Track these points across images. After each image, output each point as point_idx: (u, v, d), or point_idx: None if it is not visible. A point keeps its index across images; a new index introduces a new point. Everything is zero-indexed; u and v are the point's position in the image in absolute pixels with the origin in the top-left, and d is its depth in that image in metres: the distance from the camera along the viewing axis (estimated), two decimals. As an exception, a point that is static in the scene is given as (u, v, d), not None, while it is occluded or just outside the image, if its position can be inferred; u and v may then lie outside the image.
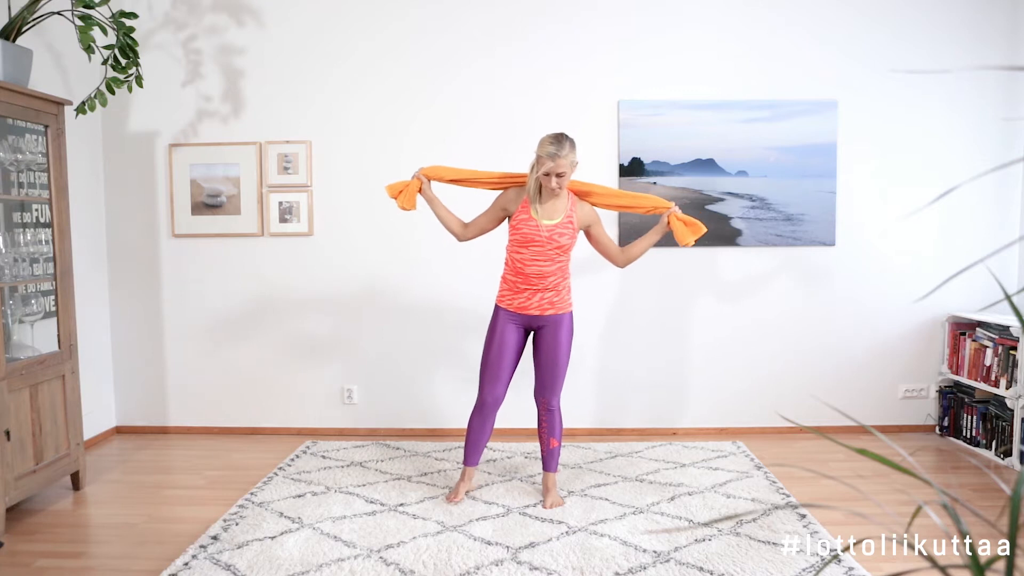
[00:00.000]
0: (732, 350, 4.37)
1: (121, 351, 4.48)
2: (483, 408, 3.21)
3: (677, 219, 3.14)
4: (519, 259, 3.11)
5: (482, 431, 3.24)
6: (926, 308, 4.32)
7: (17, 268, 3.33)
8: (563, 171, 2.97)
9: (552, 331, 3.16)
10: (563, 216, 3.09)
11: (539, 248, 3.07)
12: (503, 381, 3.19)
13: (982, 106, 4.25)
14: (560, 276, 3.13)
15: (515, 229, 3.10)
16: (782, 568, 2.58)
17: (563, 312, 3.17)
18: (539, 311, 3.13)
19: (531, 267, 3.09)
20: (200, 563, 2.64)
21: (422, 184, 3.21)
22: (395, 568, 2.60)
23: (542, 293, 3.11)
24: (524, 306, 3.14)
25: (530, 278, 3.10)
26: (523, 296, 3.13)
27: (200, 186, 4.35)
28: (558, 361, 3.18)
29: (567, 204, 3.12)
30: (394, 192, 3.21)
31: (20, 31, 3.23)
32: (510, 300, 3.16)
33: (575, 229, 3.11)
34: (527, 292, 3.12)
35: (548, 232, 3.06)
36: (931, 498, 2.67)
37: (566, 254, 3.13)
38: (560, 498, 3.25)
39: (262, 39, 4.31)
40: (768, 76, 4.27)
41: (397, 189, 3.21)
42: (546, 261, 3.08)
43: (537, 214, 3.07)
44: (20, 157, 3.29)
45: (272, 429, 4.46)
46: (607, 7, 4.25)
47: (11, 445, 3.01)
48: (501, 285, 3.22)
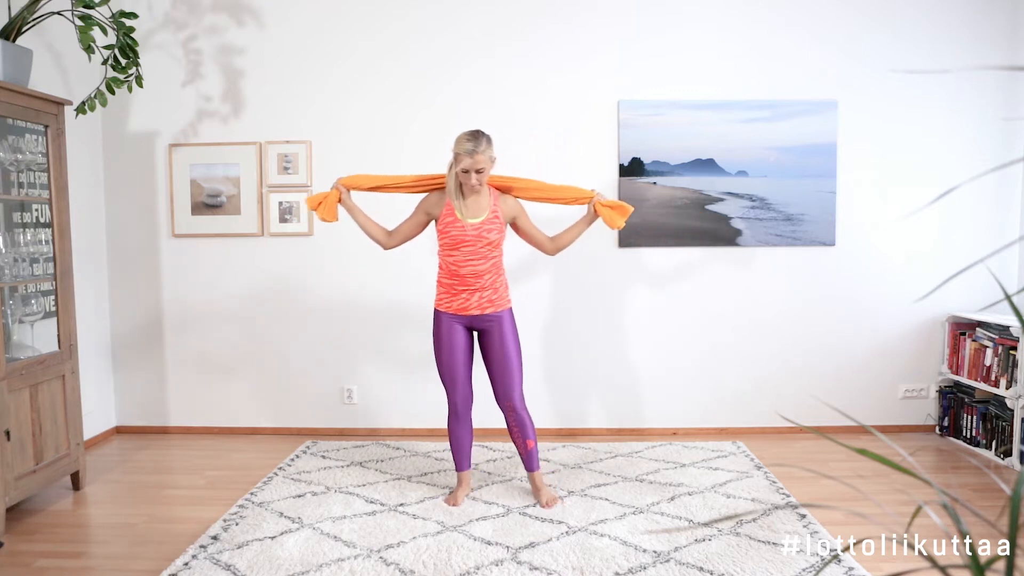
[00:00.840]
0: (732, 350, 4.37)
1: (121, 351, 4.48)
2: (456, 412, 3.23)
3: (603, 206, 3.18)
4: (452, 262, 3.11)
5: (463, 434, 3.25)
6: (926, 308, 4.32)
7: (17, 268, 3.33)
8: (482, 167, 2.98)
9: (496, 330, 3.16)
10: (488, 212, 3.10)
11: (470, 248, 3.07)
12: (463, 381, 3.20)
13: (982, 106, 4.25)
14: (495, 273, 3.14)
15: (443, 232, 3.10)
16: (782, 568, 2.58)
17: (503, 309, 3.17)
18: (479, 310, 3.13)
19: (465, 268, 3.09)
20: (200, 563, 2.64)
21: (341, 194, 3.21)
22: (395, 568, 2.60)
23: (480, 292, 3.11)
24: (463, 307, 3.13)
25: (466, 279, 3.10)
26: (461, 298, 3.12)
27: (200, 186, 4.35)
28: (509, 359, 3.17)
29: (490, 200, 3.12)
30: (314, 204, 3.19)
31: (20, 31, 3.23)
32: (448, 303, 3.16)
33: (502, 223, 3.13)
34: (464, 293, 3.11)
35: (475, 231, 3.06)
36: (931, 498, 2.67)
37: (497, 249, 3.14)
38: (554, 494, 3.25)
39: (262, 39, 4.31)
40: (768, 76, 4.27)
41: (317, 201, 3.20)
42: (479, 259, 3.09)
43: (461, 214, 3.08)
44: (20, 157, 3.29)
45: (272, 429, 4.46)
46: (607, 7, 4.25)
47: (11, 445, 3.02)
48: (437, 289, 3.21)
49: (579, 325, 4.35)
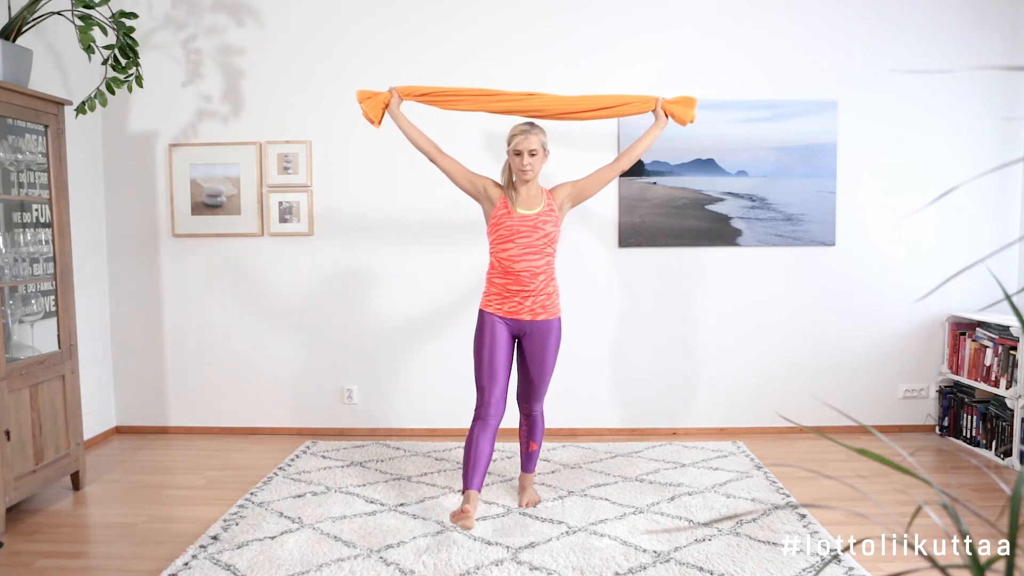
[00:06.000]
0: (732, 350, 4.37)
1: (121, 351, 4.48)
2: (484, 419, 2.94)
3: (670, 103, 3.12)
4: (506, 257, 2.99)
5: (484, 446, 2.91)
6: (926, 308, 4.32)
7: (17, 268, 3.33)
8: (534, 148, 2.93)
9: (541, 338, 3.04)
10: (543, 205, 3.02)
11: (526, 239, 2.97)
12: (501, 386, 2.99)
13: (982, 106, 4.25)
14: (549, 275, 3.04)
15: (497, 224, 3.01)
16: (782, 568, 2.58)
17: (554, 317, 3.06)
18: (531, 316, 3.01)
19: (520, 263, 2.97)
20: (200, 563, 2.64)
21: (392, 98, 3.11)
22: (395, 568, 2.60)
23: (533, 297, 2.99)
24: (515, 311, 3.00)
25: (520, 277, 2.97)
26: (513, 301, 3.00)
27: (200, 186, 4.35)
28: (545, 368, 3.09)
29: (543, 195, 3.05)
30: (363, 97, 3.11)
31: (20, 31, 3.23)
32: (499, 305, 3.03)
33: (558, 216, 3.04)
34: (518, 296, 2.99)
35: (531, 221, 2.98)
36: (931, 498, 2.67)
37: (553, 245, 3.04)
38: (536, 497, 3.24)
39: (262, 39, 4.31)
40: (768, 76, 4.27)
41: (367, 95, 3.11)
42: (535, 255, 2.98)
43: (515, 204, 3.00)
44: (20, 157, 3.29)
45: (272, 429, 4.46)
46: (607, 7, 4.25)
47: (11, 445, 3.01)
48: (487, 289, 3.07)
49: (579, 325, 4.35)
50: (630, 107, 3.18)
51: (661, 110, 3.13)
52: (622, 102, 3.18)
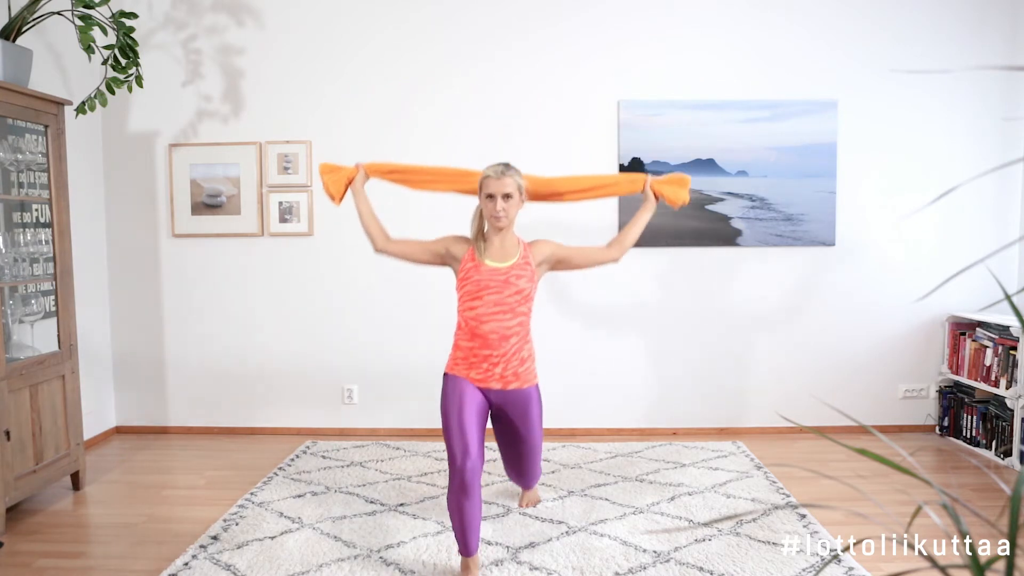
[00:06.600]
0: (732, 350, 4.37)
1: (121, 351, 4.48)
2: (463, 485, 2.46)
3: (660, 183, 2.95)
4: (473, 316, 2.67)
5: (471, 511, 2.47)
6: (926, 308, 4.31)
7: (17, 268, 3.33)
8: (508, 191, 2.64)
9: (519, 410, 2.73)
10: (518, 257, 2.72)
11: (496, 295, 2.65)
12: (475, 444, 2.53)
13: (982, 106, 4.25)
14: (523, 338, 2.71)
15: (464, 279, 2.70)
16: (782, 568, 2.58)
17: (529, 385, 2.74)
18: (501, 384, 2.69)
19: (489, 323, 2.64)
20: (200, 563, 2.64)
21: (357, 175, 2.90)
22: (395, 568, 2.60)
23: (504, 362, 2.67)
24: (483, 379, 2.68)
25: (488, 340, 2.65)
26: (481, 368, 2.67)
27: (200, 186, 4.35)
28: (532, 444, 2.79)
29: (519, 247, 2.75)
30: (326, 170, 2.91)
31: (20, 31, 3.23)
32: (465, 370, 2.70)
33: (533, 271, 2.73)
34: (487, 362, 2.67)
35: (502, 275, 2.67)
36: (931, 498, 2.67)
37: (528, 303, 2.72)
38: (536, 495, 3.22)
39: (262, 39, 4.31)
40: (768, 76, 4.27)
41: (329, 168, 2.92)
42: (506, 313, 2.66)
43: (482, 255, 2.71)
44: (20, 157, 3.29)
45: (272, 429, 4.46)
46: (607, 8, 4.25)
47: (11, 445, 3.01)
48: (453, 353, 2.75)
49: (578, 325, 4.35)
50: (616, 188, 3.03)
51: (650, 191, 2.93)
52: (607, 183, 3.02)
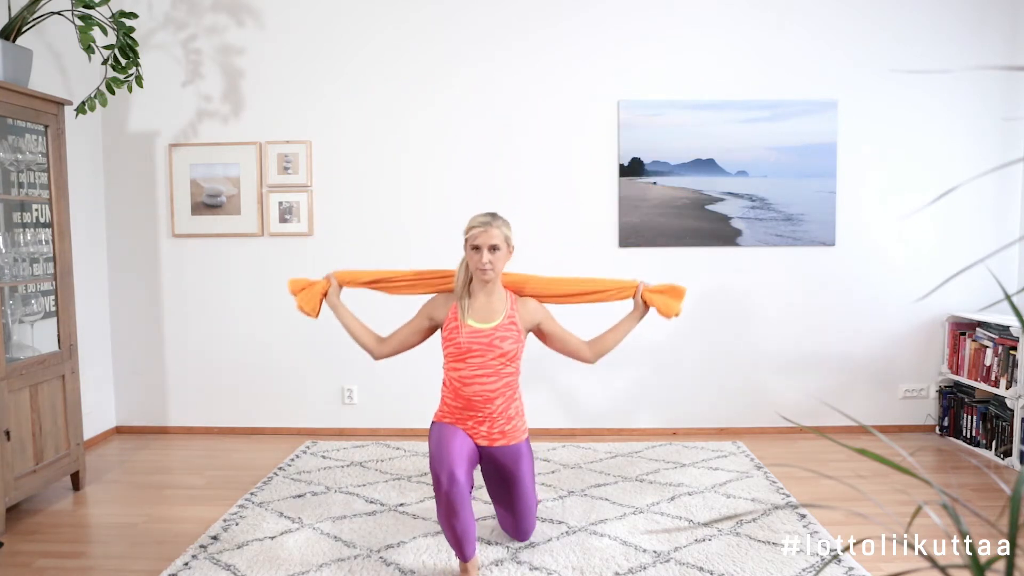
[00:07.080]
0: (732, 350, 4.37)
1: (121, 351, 4.47)
2: (449, 504, 2.36)
3: (651, 292, 2.77)
4: (457, 378, 2.60)
5: (461, 525, 2.39)
6: (926, 308, 4.31)
7: (17, 268, 3.33)
8: (495, 242, 2.55)
9: (510, 466, 2.63)
10: (503, 317, 2.63)
11: (479, 359, 2.57)
12: (461, 465, 2.42)
13: (982, 106, 4.25)
14: (509, 398, 2.63)
15: (448, 340, 2.63)
16: (782, 568, 2.58)
17: (517, 442, 2.65)
18: (488, 442, 2.63)
19: (472, 387, 2.58)
20: (200, 563, 2.64)
21: (330, 287, 2.79)
22: (395, 568, 2.60)
23: (490, 422, 2.61)
24: (471, 435, 2.63)
25: (472, 402, 2.58)
26: (467, 425, 2.63)
27: (200, 186, 4.35)
28: (525, 500, 2.67)
29: (506, 303, 2.66)
30: (296, 288, 2.80)
31: (20, 31, 3.23)
32: (452, 424, 2.65)
33: (520, 331, 2.65)
34: (472, 420, 2.62)
35: (486, 337, 2.58)
36: (931, 498, 2.67)
37: (513, 364, 2.63)
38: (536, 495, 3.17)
39: (262, 39, 4.31)
40: (768, 76, 4.27)
41: (300, 286, 2.80)
42: (490, 376, 2.58)
43: (466, 315, 2.62)
44: (20, 157, 3.29)
45: (272, 429, 4.46)
46: (607, 7, 4.25)
47: (11, 445, 3.01)
48: (440, 406, 2.71)
49: (578, 325, 4.34)
50: (606, 295, 2.83)
51: (641, 299, 2.77)
52: (598, 288, 2.83)
